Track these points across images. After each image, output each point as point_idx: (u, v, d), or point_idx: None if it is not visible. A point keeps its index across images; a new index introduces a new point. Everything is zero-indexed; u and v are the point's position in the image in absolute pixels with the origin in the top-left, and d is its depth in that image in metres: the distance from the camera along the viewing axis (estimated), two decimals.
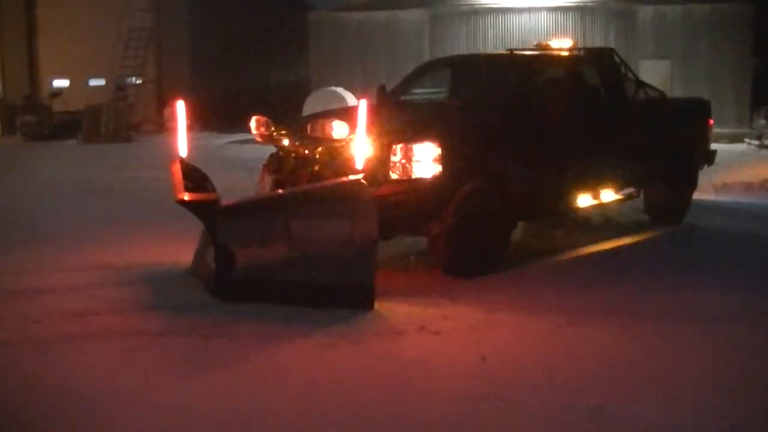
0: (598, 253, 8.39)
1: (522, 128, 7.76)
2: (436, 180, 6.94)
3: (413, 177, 6.91)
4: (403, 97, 8.97)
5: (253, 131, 7.75)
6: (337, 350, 5.34)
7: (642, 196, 9.95)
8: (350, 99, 20.52)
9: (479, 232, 7.25)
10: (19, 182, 15.57)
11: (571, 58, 9.21)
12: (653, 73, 23.80)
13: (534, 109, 7.87)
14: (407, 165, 6.90)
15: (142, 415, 4.28)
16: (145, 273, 7.56)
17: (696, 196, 11.81)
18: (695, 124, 10.55)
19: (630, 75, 9.63)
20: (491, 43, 24.81)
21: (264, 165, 7.42)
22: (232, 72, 27.24)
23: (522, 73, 8.41)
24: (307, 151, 7.23)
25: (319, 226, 6.42)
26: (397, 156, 6.91)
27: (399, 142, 6.92)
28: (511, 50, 8.71)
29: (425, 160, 6.91)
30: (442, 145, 6.94)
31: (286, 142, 7.63)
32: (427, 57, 24.72)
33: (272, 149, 7.82)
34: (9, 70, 28.18)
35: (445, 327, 5.76)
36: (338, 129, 6.88)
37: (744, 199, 11.92)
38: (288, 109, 20.50)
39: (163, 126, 24.82)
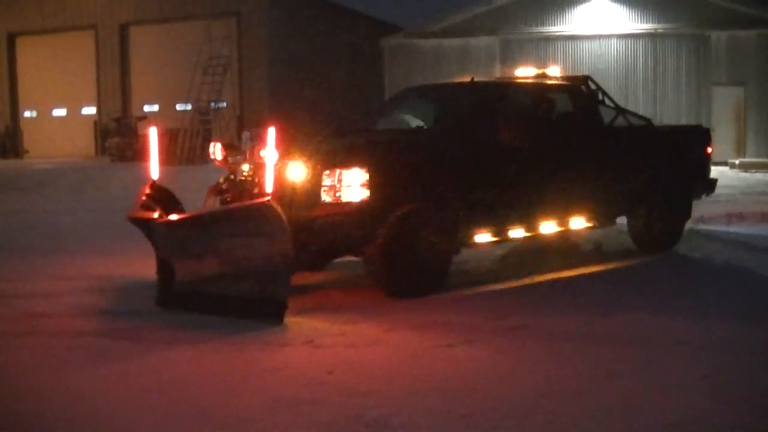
0: (555, 279, 8.43)
1: (466, 153, 7.94)
2: (365, 204, 7.23)
3: (342, 201, 7.23)
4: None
5: (212, 156, 8.25)
6: (218, 355, 5.75)
7: (628, 223, 9.96)
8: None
9: (414, 256, 7.46)
10: (86, 198, 16.74)
11: (536, 85, 9.36)
12: (727, 99, 23.40)
13: (482, 134, 8.05)
14: (337, 189, 7.23)
15: (42, 400, 4.87)
16: (121, 282, 8.29)
17: (709, 226, 11.80)
18: (690, 152, 10.46)
19: (608, 102, 9.69)
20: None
21: (210, 187, 7.88)
22: (309, 97, 28.02)
23: (473, 100, 8.59)
24: (248, 174, 7.65)
25: (241, 244, 6.86)
26: (327, 181, 7.25)
27: (329, 167, 7.27)
28: (472, 78, 8.91)
29: (354, 184, 7.22)
30: (370, 171, 7.24)
31: (246, 166, 8.08)
32: None
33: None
34: (104, 96, 29.83)
35: (331, 342, 6.05)
36: (269, 154, 7.27)
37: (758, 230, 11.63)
38: None
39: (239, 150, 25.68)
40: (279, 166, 7.45)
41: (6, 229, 12.76)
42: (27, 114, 31.67)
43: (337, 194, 7.24)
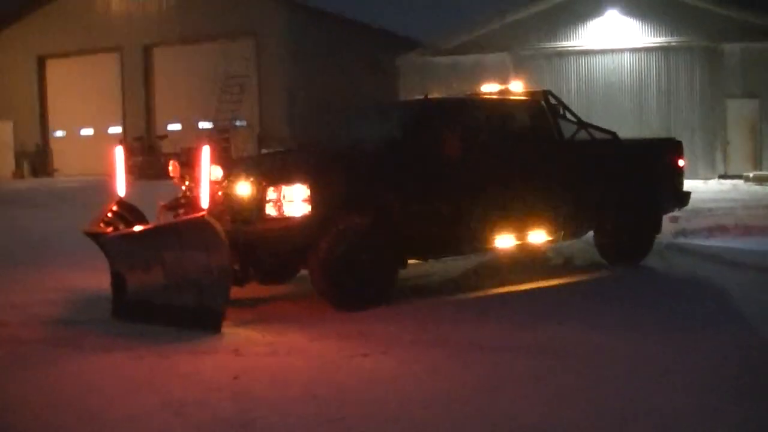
0: (508, 293, 8.55)
1: (408, 169, 8.13)
2: (306, 218, 7.47)
3: (286, 215, 7.48)
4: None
5: (170, 174, 8.56)
6: (140, 362, 6.06)
7: (594, 237, 10.05)
8: None
9: (355, 269, 7.66)
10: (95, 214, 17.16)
11: (488, 101, 9.52)
12: (741, 112, 23.29)
13: (425, 150, 8.22)
14: (280, 204, 7.48)
15: None
16: (91, 294, 8.60)
17: (689, 239, 11.82)
18: (659, 165, 10.51)
19: (569, 116, 9.80)
20: (575, 85, 24.89)
21: (161, 204, 8.17)
22: (326, 114, 28.39)
23: (416, 117, 8.76)
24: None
25: (182, 257, 7.15)
26: (271, 196, 7.51)
27: (273, 183, 7.53)
28: (425, 95, 9.10)
29: (296, 199, 7.47)
30: (311, 186, 7.48)
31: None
32: None
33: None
34: (129, 115, 30.49)
35: (255, 350, 6.30)
36: (215, 172, 7.59)
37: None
38: None
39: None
40: (225, 183, 7.75)
41: (4, 242, 13.20)
42: (56, 134, 32.45)
43: (281, 209, 7.48)
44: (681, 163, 10.70)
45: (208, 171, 6.94)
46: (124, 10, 30.55)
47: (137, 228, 7.57)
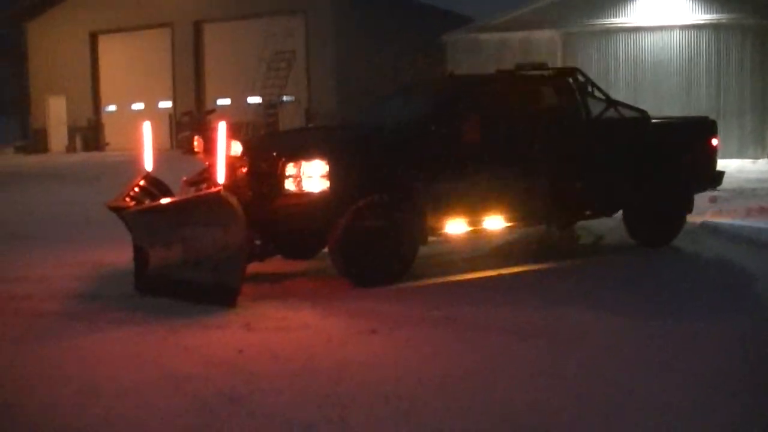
0: (525, 272, 8.53)
1: (433, 147, 8.13)
2: (325, 194, 7.54)
3: (305, 191, 7.55)
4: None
5: (195, 149, 8.67)
6: (151, 336, 6.19)
7: (623, 216, 9.95)
8: None
9: (373, 246, 7.71)
10: None
11: (515, 78, 9.45)
12: None
13: (446, 128, 8.21)
14: (299, 180, 7.55)
15: None
16: (116, 269, 8.75)
17: (725, 219, 11.60)
18: (690, 144, 10.35)
19: (598, 94, 9.68)
20: (623, 62, 24.50)
21: (183, 179, 8.28)
22: (376, 90, 28.38)
23: (443, 95, 8.73)
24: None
25: (200, 232, 7.25)
26: (290, 171, 7.57)
27: (292, 159, 7.59)
28: (451, 72, 9.07)
29: (315, 175, 7.53)
30: (330, 163, 7.53)
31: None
32: None
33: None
34: (179, 90, 30.82)
35: (265, 325, 6.39)
36: (234, 147, 7.68)
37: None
38: None
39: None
40: (246, 159, 7.84)
41: (34, 218, 13.49)
42: (108, 109, 32.94)
43: (300, 184, 7.55)
44: (714, 142, 10.49)
45: (225, 147, 7.01)
46: None
47: (156, 203, 7.69)
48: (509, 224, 8.86)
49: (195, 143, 8.69)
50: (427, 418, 4.41)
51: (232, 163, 7.90)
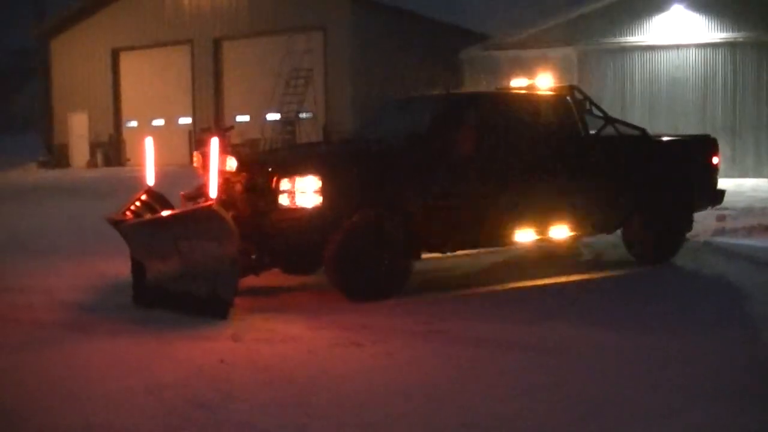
0: (522, 288, 8.59)
1: (428, 163, 8.22)
2: (318, 210, 7.65)
3: (298, 206, 7.67)
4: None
5: (194, 164, 8.84)
6: (139, 347, 6.34)
7: (622, 234, 10.01)
8: None
9: (368, 261, 7.81)
10: None
11: (510, 96, 9.54)
12: None
13: (441, 144, 8.30)
14: (293, 196, 7.68)
15: None
16: (117, 281, 8.88)
17: (727, 238, 11.60)
18: (690, 162, 10.38)
19: (596, 112, 9.75)
20: (638, 80, 24.53)
21: (182, 194, 8.43)
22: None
23: (440, 112, 8.82)
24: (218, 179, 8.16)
25: (195, 246, 7.40)
26: (284, 187, 7.70)
27: (286, 175, 7.72)
28: (448, 90, 9.15)
29: (308, 191, 7.65)
30: (323, 178, 7.66)
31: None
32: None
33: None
34: (199, 107, 31.15)
35: (253, 337, 6.51)
36: (230, 162, 7.83)
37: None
38: None
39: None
40: (243, 174, 7.98)
41: (45, 231, 13.72)
42: (129, 124, 33.34)
43: (294, 200, 7.67)
44: (715, 160, 10.53)
45: (217, 162, 7.15)
46: (195, 3, 31.21)
47: (151, 216, 7.84)
48: (505, 241, 8.92)
49: (194, 159, 8.85)
50: (386, 428, 4.51)
51: (229, 178, 8.06)
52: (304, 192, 7.67)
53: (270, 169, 7.82)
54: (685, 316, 7.34)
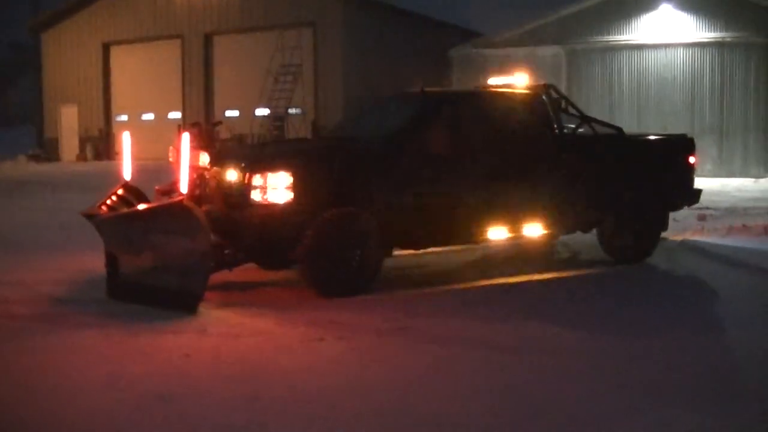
0: (494, 285, 8.63)
1: (400, 161, 8.28)
2: (289, 206, 7.71)
3: (269, 202, 7.72)
4: None
5: (170, 158, 8.88)
6: (107, 340, 6.38)
7: (597, 233, 10.06)
8: None
9: (340, 257, 7.87)
10: None
11: (486, 94, 9.60)
12: None
13: (412, 142, 8.35)
14: (264, 191, 7.73)
15: None
16: (96, 275, 8.86)
17: (705, 238, 11.66)
18: (667, 162, 10.44)
19: (572, 110, 9.79)
20: (627, 79, 24.62)
21: (156, 188, 8.48)
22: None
23: (414, 111, 8.87)
24: (194, 174, 8.22)
25: (166, 240, 7.44)
26: (255, 182, 7.75)
27: (258, 170, 7.77)
28: (422, 89, 9.20)
29: (279, 187, 7.71)
30: (294, 174, 7.71)
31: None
32: (564, 91, 24.87)
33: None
34: (189, 102, 31.17)
35: (220, 331, 6.57)
36: (202, 158, 7.88)
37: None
38: None
39: None
40: (216, 169, 8.03)
41: (28, 225, 13.74)
42: (119, 118, 33.33)
43: (265, 195, 7.72)
44: (692, 160, 10.60)
45: (188, 157, 7.21)
46: None
47: (124, 210, 7.89)
48: (476, 239, 8.98)
49: (170, 154, 8.89)
50: (338, 423, 4.57)
51: (203, 174, 8.11)
52: (275, 188, 7.72)
53: (243, 165, 7.87)
54: (651, 316, 7.40)
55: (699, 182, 17.48)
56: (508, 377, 5.47)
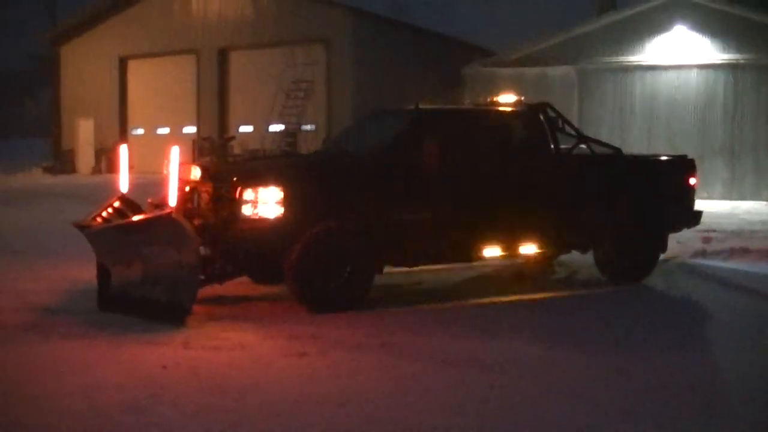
0: (483, 305, 8.63)
1: (392, 177, 8.30)
2: (279, 220, 7.75)
3: (259, 217, 7.76)
4: None
5: (164, 172, 8.93)
6: (91, 350, 6.46)
7: (593, 253, 10.02)
8: None
9: (329, 273, 7.89)
10: None
11: (482, 112, 9.63)
12: None
13: (411, 159, 8.36)
14: (254, 206, 7.77)
15: None
16: (88, 286, 8.93)
17: (705, 260, 11.60)
18: (666, 183, 10.41)
19: (569, 130, 9.78)
20: (639, 99, 24.55)
21: (149, 201, 8.55)
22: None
23: (407, 127, 8.89)
24: (187, 188, 8.28)
25: (156, 252, 7.51)
26: (246, 197, 7.80)
27: (248, 185, 7.82)
28: (416, 105, 9.21)
29: (269, 201, 7.75)
30: (284, 189, 7.75)
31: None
32: (575, 112, 24.98)
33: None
34: (204, 116, 31.36)
35: (203, 345, 6.60)
36: (193, 171, 7.95)
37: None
38: None
39: None
40: (208, 184, 8.09)
41: (32, 234, 13.86)
42: (135, 132, 33.55)
43: (256, 210, 7.76)
44: (692, 181, 10.54)
45: (177, 170, 7.27)
46: (202, 13, 31.41)
47: (114, 222, 7.96)
48: (470, 257, 8.97)
49: (164, 167, 8.94)
50: None
51: (196, 187, 8.16)
52: (266, 202, 7.76)
53: (234, 179, 7.92)
54: (636, 337, 7.35)
55: (709, 204, 17.64)
56: (480, 394, 5.47)
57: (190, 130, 31.85)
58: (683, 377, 6.02)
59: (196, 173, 7.99)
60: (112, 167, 32.94)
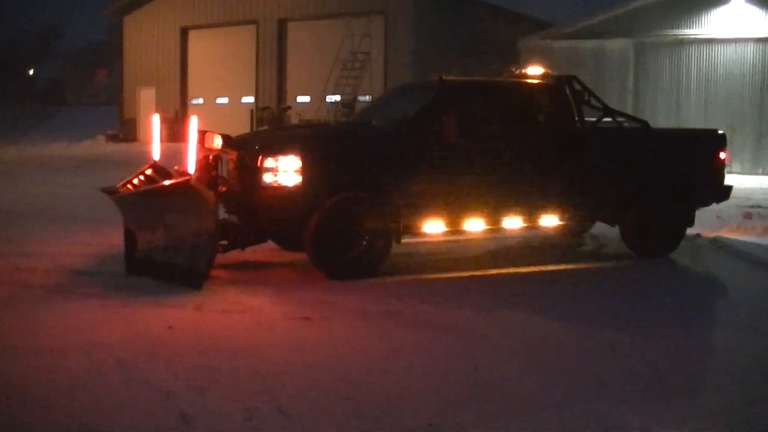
0: (499, 275, 8.74)
1: (412, 148, 8.44)
2: (298, 188, 7.97)
3: (279, 185, 7.99)
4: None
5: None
6: (105, 311, 6.74)
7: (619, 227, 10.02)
8: None
9: (347, 241, 8.10)
10: None
11: (506, 84, 9.66)
12: None
13: (426, 130, 8.50)
14: (275, 174, 8.01)
15: None
16: (121, 250, 9.27)
17: (739, 236, 11.46)
18: (695, 157, 10.34)
19: (595, 103, 9.77)
20: (695, 74, 24.12)
21: (175, 168, 8.81)
22: None
23: (429, 99, 8.97)
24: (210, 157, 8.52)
25: (177, 219, 7.79)
26: (267, 165, 8.03)
27: (269, 154, 8.05)
28: (440, 77, 9.28)
29: (289, 170, 7.97)
30: (303, 158, 7.96)
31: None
32: (631, 85, 24.71)
33: None
34: (262, 87, 31.77)
35: (215, 307, 6.87)
36: (215, 141, 8.20)
37: None
38: None
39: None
40: (233, 153, 8.33)
41: (82, 201, 14.25)
42: (195, 101, 34.14)
43: (275, 178, 8.00)
44: (722, 156, 10.45)
45: (196, 139, 7.52)
46: None
47: (138, 188, 8.25)
48: (491, 228, 9.06)
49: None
50: (289, 398, 4.76)
51: (220, 155, 8.40)
52: (285, 171, 7.99)
53: (256, 148, 8.15)
54: (642, 313, 7.32)
55: (762, 181, 17.27)
56: (466, 364, 5.57)
57: (249, 100, 32.31)
58: (667, 358, 5.89)
59: (218, 142, 8.22)
60: (173, 136, 33.64)
